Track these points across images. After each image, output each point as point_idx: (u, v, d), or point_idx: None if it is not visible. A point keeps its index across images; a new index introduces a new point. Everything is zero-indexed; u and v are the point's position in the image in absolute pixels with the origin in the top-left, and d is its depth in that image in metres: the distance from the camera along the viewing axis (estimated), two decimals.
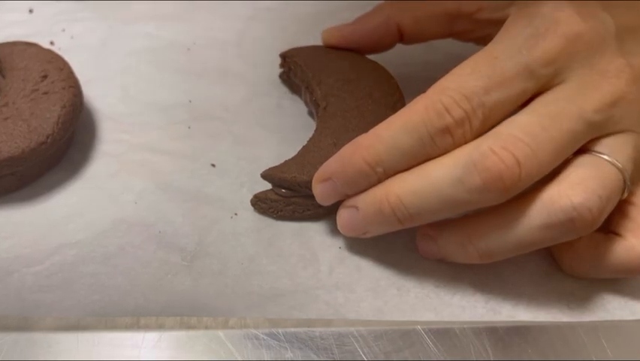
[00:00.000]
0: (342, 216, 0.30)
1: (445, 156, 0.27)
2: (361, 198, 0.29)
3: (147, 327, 0.28)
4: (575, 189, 0.26)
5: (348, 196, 0.30)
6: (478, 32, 0.36)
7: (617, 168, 0.27)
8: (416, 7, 0.36)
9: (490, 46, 0.28)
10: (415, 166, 0.28)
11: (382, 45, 0.38)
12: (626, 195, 0.28)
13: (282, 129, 0.38)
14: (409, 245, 0.32)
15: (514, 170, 0.25)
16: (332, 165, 0.29)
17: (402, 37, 0.37)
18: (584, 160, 0.27)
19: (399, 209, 0.27)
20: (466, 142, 0.27)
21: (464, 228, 0.28)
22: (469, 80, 0.27)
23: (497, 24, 0.31)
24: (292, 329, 0.29)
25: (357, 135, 0.32)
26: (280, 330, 0.29)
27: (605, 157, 0.27)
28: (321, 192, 0.30)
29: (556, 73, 0.27)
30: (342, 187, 0.29)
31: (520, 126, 0.26)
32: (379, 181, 0.28)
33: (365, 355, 0.28)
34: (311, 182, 0.31)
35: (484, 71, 0.27)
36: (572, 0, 0.28)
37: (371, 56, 0.38)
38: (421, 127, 0.27)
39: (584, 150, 0.27)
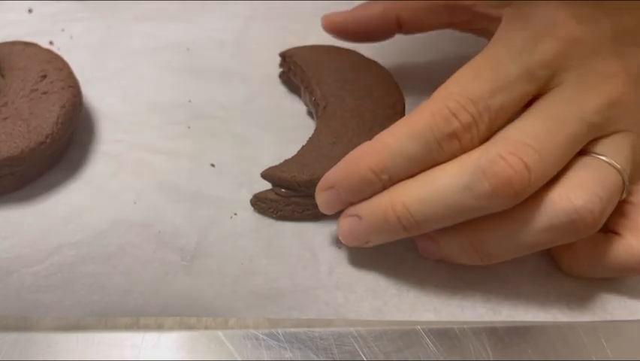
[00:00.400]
0: (344, 225, 0.30)
1: (451, 162, 0.27)
2: (365, 206, 0.29)
3: (147, 327, 0.28)
4: (576, 192, 0.26)
5: (352, 204, 0.29)
6: (477, 24, 0.36)
7: (616, 169, 0.27)
8: None
9: (490, 48, 0.28)
10: (420, 173, 0.27)
11: (380, 34, 0.38)
12: (625, 195, 0.28)
13: (282, 129, 0.38)
14: (408, 245, 0.32)
15: (524, 175, 0.25)
16: (336, 173, 0.29)
17: (400, 27, 0.37)
18: (583, 162, 0.27)
19: (405, 217, 0.27)
20: (473, 146, 0.27)
21: (466, 229, 0.28)
22: (473, 84, 0.27)
23: (493, 20, 0.31)
24: (292, 329, 0.29)
25: (356, 135, 0.32)
26: (280, 330, 0.29)
27: (604, 158, 0.27)
28: (324, 200, 0.30)
29: (553, 75, 0.27)
30: (345, 195, 0.29)
31: (526, 131, 0.26)
32: (384, 189, 0.28)
33: (365, 355, 0.28)
34: (310, 181, 0.31)
35: (488, 74, 0.27)
36: (567, 1, 0.28)
37: (370, 55, 0.38)
38: (427, 133, 0.27)
39: (583, 151, 0.28)
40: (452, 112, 0.26)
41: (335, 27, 0.38)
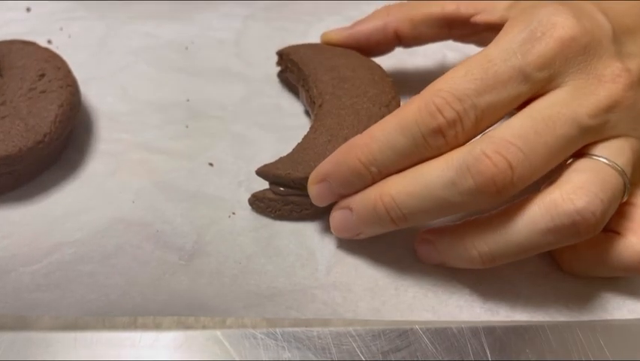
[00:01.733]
0: (336, 217, 0.30)
1: (438, 158, 0.27)
2: (355, 199, 0.29)
3: (145, 327, 0.28)
4: (578, 193, 0.26)
5: (343, 197, 0.30)
6: (477, 35, 0.36)
7: (618, 171, 0.27)
8: (414, 11, 0.36)
9: (487, 49, 0.28)
10: (408, 166, 0.28)
11: (380, 49, 0.38)
12: (626, 198, 0.28)
13: (280, 128, 0.38)
14: (407, 245, 0.32)
15: (507, 173, 0.25)
16: (327, 165, 0.30)
17: (400, 40, 0.37)
18: (584, 164, 0.27)
19: (392, 209, 0.28)
20: (458, 143, 0.27)
21: (466, 232, 0.28)
22: (461, 82, 0.27)
23: (495, 28, 0.31)
24: (290, 329, 0.29)
25: (351, 133, 0.32)
26: (278, 330, 0.29)
27: (606, 161, 0.27)
28: (316, 193, 0.30)
29: (551, 77, 0.27)
30: (337, 187, 0.29)
31: (513, 130, 0.26)
32: (373, 181, 0.29)
33: (363, 354, 0.28)
34: (305, 179, 0.31)
35: (477, 73, 0.27)
36: (568, 3, 0.28)
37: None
38: (413, 127, 0.27)
39: (582, 153, 0.28)
40: (438, 108, 0.27)
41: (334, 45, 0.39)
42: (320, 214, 0.33)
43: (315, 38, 0.40)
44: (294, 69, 0.38)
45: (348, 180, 0.29)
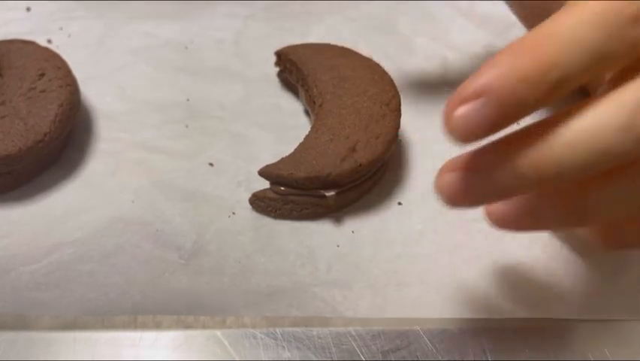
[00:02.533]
0: (448, 181, 0.22)
1: (604, 99, 0.21)
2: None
3: (144, 326, 0.28)
4: None
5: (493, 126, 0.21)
6: None
7: None
8: None
9: None
10: (591, 77, 0.21)
11: None
12: None
13: (280, 128, 0.38)
14: (406, 243, 0.32)
15: None
16: (484, 76, 0.21)
17: None
18: None
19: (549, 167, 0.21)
20: None
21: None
22: None
23: None
24: (290, 329, 0.29)
25: (352, 132, 0.32)
26: (278, 329, 0.29)
27: None
28: (463, 115, 0.21)
29: None
30: (493, 108, 0.21)
31: None
32: (548, 97, 0.21)
33: (363, 354, 0.28)
34: (307, 178, 0.31)
35: None
36: None
37: (366, 53, 0.38)
38: (609, 14, 0.21)
39: None
40: None
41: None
42: (320, 214, 0.33)
43: (315, 38, 0.40)
44: (293, 69, 0.38)
45: (514, 95, 0.21)
